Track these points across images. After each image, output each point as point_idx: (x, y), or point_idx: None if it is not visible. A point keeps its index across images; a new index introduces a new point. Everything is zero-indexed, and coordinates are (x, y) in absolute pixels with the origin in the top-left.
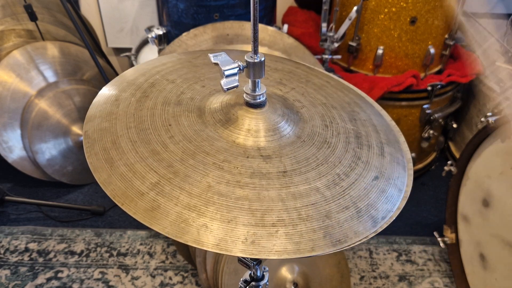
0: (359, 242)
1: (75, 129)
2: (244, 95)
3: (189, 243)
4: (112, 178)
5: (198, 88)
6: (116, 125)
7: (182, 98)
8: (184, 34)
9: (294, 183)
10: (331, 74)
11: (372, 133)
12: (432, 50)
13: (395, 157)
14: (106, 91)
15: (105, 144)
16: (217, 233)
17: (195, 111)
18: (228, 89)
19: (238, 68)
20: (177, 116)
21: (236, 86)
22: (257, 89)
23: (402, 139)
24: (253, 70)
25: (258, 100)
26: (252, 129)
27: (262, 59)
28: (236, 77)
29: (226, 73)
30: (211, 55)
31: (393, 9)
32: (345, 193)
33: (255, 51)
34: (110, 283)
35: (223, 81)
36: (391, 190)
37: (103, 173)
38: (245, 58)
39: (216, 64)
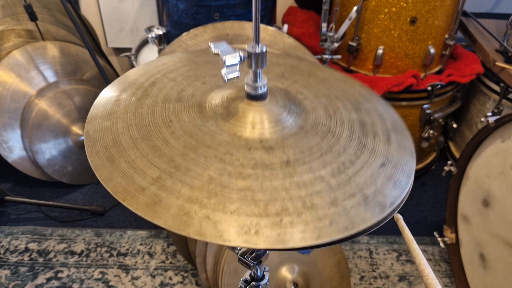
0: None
1: (75, 129)
2: (245, 86)
3: (192, 236)
4: (113, 175)
5: (199, 85)
6: (117, 124)
7: (183, 95)
8: (184, 34)
9: (298, 172)
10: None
11: (377, 121)
12: (432, 50)
13: (403, 144)
14: (107, 92)
15: (106, 142)
16: (219, 224)
17: (196, 107)
18: (229, 79)
19: (239, 58)
20: (177, 113)
21: (237, 77)
22: (258, 80)
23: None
24: (255, 60)
25: (260, 92)
26: (253, 121)
27: (264, 49)
28: (237, 67)
29: (227, 62)
30: (211, 45)
31: (393, 9)
32: (351, 180)
33: (257, 40)
34: (110, 283)
35: (224, 71)
36: (399, 176)
37: (104, 171)
38: (246, 48)
39: (217, 54)
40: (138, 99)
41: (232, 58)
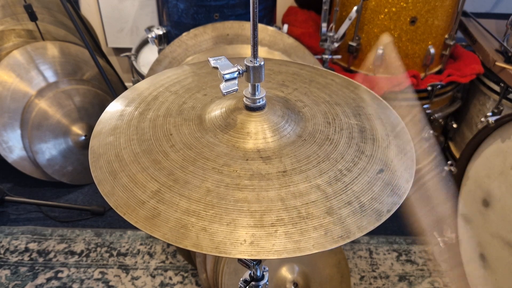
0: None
1: (75, 129)
2: (244, 99)
3: (189, 248)
4: (115, 190)
5: (200, 97)
6: (120, 139)
7: (184, 107)
8: (184, 34)
9: (294, 182)
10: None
11: (377, 126)
12: (432, 50)
13: (403, 149)
14: (112, 108)
15: (109, 157)
16: (216, 236)
17: (196, 119)
18: (227, 93)
19: (237, 72)
20: (178, 126)
21: (235, 90)
22: (256, 93)
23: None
24: (253, 74)
25: (258, 104)
26: (251, 132)
27: (262, 63)
28: (236, 81)
29: (226, 77)
30: (211, 59)
31: (393, 9)
32: (348, 188)
33: (255, 55)
34: (110, 283)
35: (223, 85)
36: (398, 182)
37: (106, 185)
38: (245, 62)
39: (216, 68)
40: (140, 113)
41: (230, 72)
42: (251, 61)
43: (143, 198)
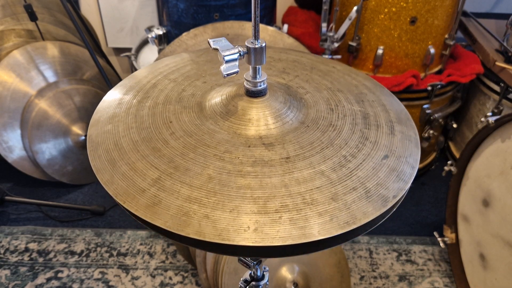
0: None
1: (75, 129)
2: (245, 83)
3: (191, 236)
4: (114, 178)
5: (199, 85)
6: (119, 127)
7: (184, 95)
8: (184, 34)
9: (298, 168)
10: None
11: (381, 113)
12: (432, 50)
13: (407, 135)
14: (110, 96)
15: (108, 146)
16: (219, 223)
17: (196, 107)
18: (227, 75)
19: (238, 54)
20: (178, 113)
21: (236, 72)
22: (258, 76)
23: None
24: (254, 56)
25: (259, 88)
26: (253, 119)
27: (263, 44)
28: (236, 63)
29: (226, 58)
30: (210, 41)
31: (393, 9)
32: (352, 174)
33: (256, 36)
34: (110, 283)
35: (223, 67)
36: (403, 168)
37: (105, 174)
38: (246, 43)
39: (216, 49)
40: (139, 101)
41: (231, 54)
42: (252, 42)
43: (143, 186)
